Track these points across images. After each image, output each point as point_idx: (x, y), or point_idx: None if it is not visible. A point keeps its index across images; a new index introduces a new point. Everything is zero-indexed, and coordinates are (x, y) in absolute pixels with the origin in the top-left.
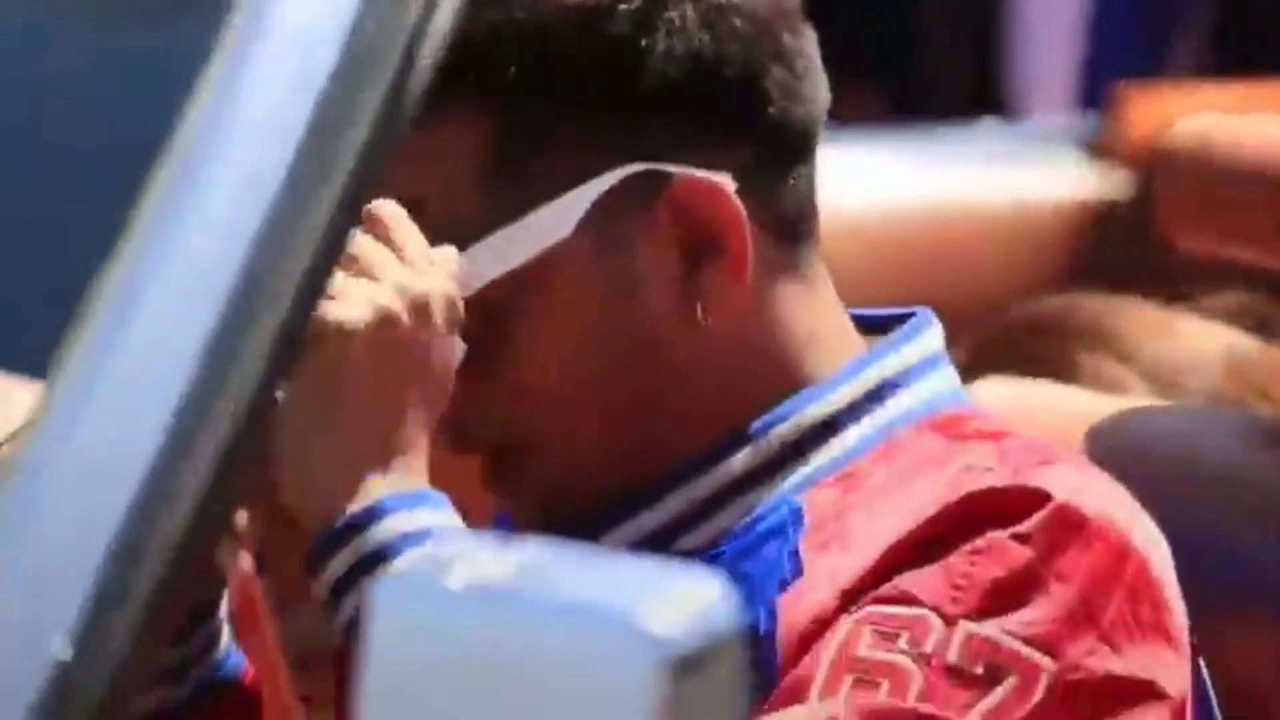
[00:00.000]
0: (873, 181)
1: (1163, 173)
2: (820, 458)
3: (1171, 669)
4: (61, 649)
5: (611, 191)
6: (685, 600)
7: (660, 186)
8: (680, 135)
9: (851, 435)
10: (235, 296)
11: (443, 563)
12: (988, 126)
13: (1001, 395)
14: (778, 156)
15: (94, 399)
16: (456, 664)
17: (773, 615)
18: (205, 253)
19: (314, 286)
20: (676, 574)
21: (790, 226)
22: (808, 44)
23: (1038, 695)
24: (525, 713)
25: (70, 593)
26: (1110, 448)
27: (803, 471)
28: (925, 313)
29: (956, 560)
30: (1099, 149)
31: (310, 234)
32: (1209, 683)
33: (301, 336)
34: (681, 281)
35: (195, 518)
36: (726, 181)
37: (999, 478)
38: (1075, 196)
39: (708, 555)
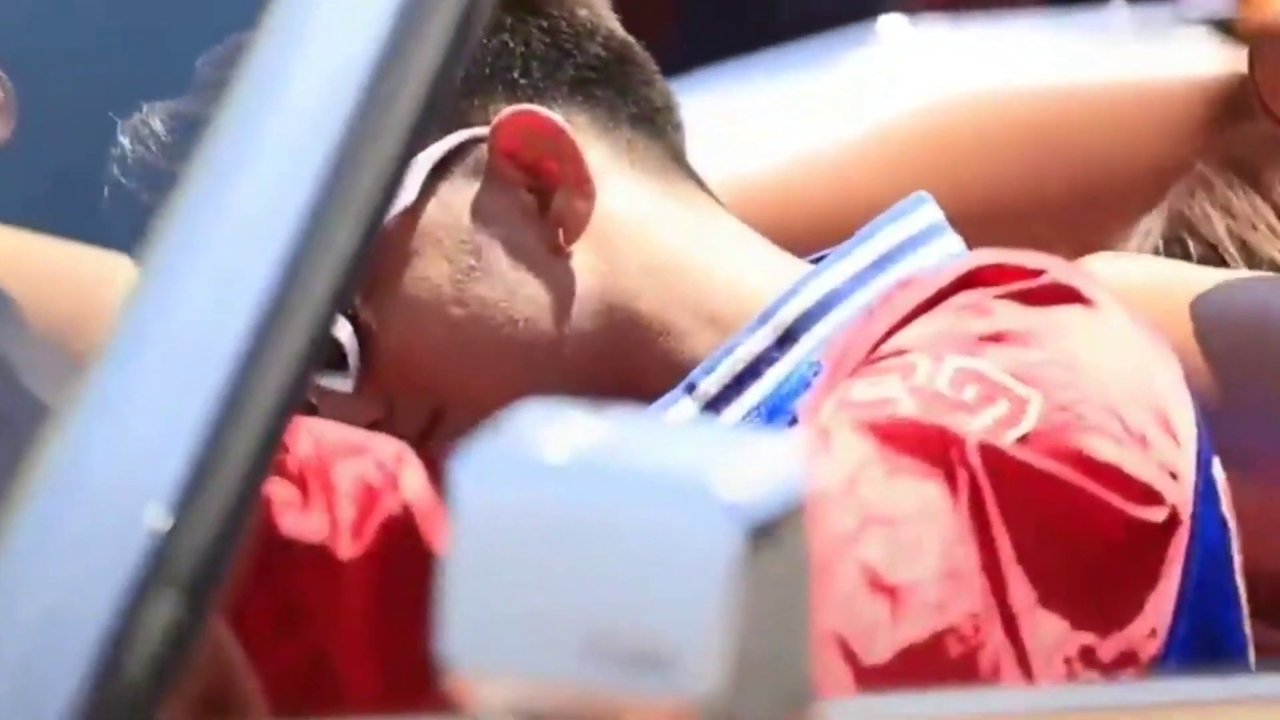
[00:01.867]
0: (1001, 63)
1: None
2: (829, 324)
3: (1168, 471)
4: (158, 518)
5: (448, 157)
6: (759, 468)
7: (483, 140)
8: (486, 98)
9: (861, 296)
10: (323, 187)
11: (530, 432)
12: (1118, 8)
13: (1107, 271)
14: (577, 89)
15: (189, 272)
16: (543, 531)
17: (793, 423)
18: (293, 141)
19: (392, 182)
20: (750, 443)
21: (641, 157)
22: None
23: (1027, 424)
24: (605, 580)
25: (166, 462)
26: (1218, 320)
27: (815, 338)
28: (917, 194)
29: (944, 314)
30: (1229, 27)
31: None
32: (1219, 480)
33: (379, 229)
34: (537, 217)
35: (289, 386)
36: (532, 107)
37: (985, 259)
38: (1205, 74)
39: (742, 426)
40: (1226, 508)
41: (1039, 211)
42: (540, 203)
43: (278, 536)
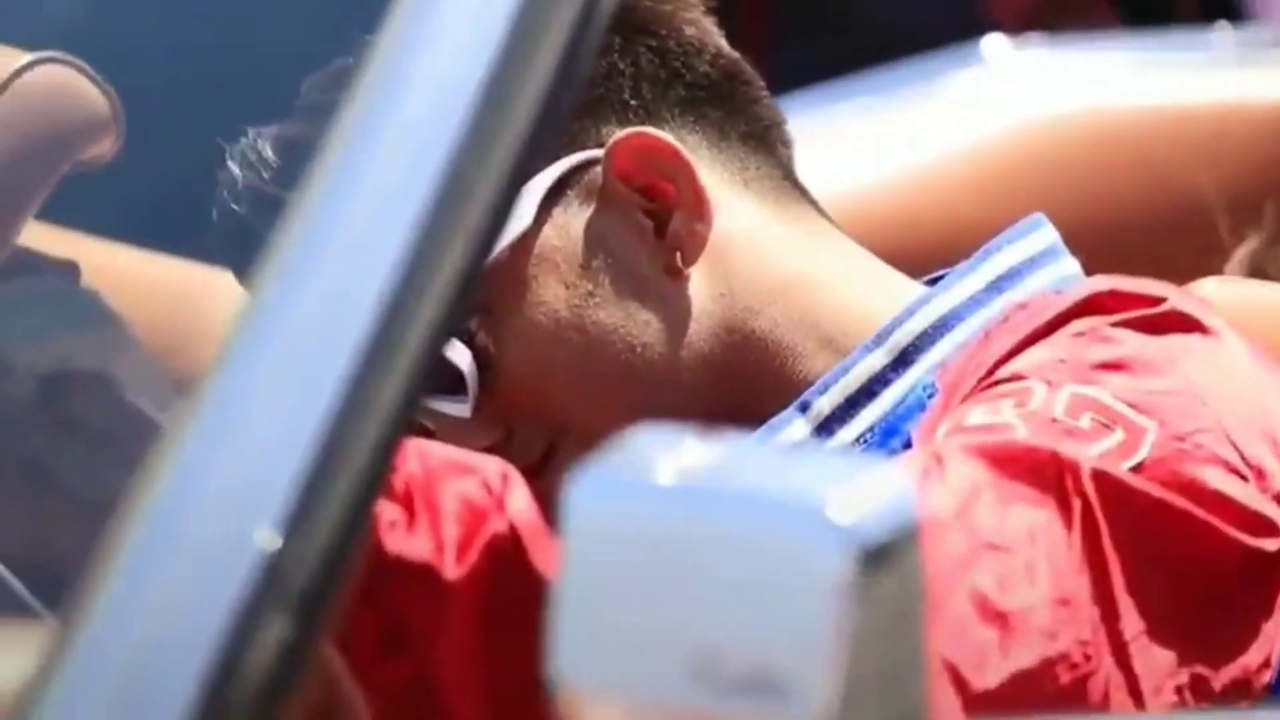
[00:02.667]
0: (1106, 83)
1: None
2: (946, 345)
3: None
4: (269, 538)
5: (563, 181)
6: (872, 492)
7: (597, 162)
8: (597, 120)
9: (978, 318)
10: (434, 207)
11: (644, 456)
12: (1221, 31)
13: (1221, 294)
14: (691, 109)
15: (299, 292)
16: (655, 553)
17: (908, 448)
18: (403, 161)
19: (504, 202)
20: (864, 467)
21: (754, 176)
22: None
23: (1143, 453)
24: (718, 601)
25: (277, 482)
26: None
27: (931, 360)
28: (1034, 216)
29: (1061, 340)
30: None
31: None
32: None
33: (490, 250)
34: (653, 239)
35: (400, 407)
36: (646, 129)
37: (1105, 285)
38: None
39: (857, 448)
40: None
41: (1144, 232)
42: (656, 225)
43: (383, 556)
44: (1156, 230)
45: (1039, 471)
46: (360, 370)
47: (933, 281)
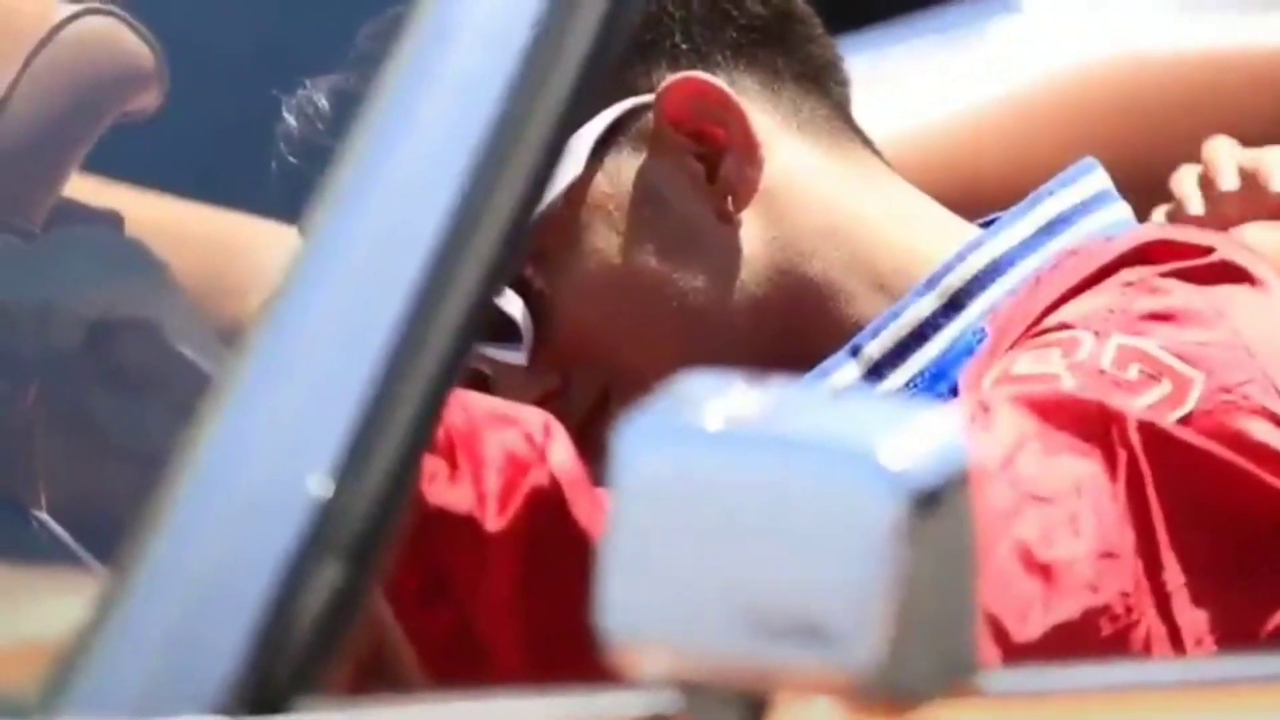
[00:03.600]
0: (1142, 31)
1: None
2: (997, 291)
3: None
4: (321, 485)
5: (614, 127)
6: (923, 437)
7: (648, 107)
8: (648, 65)
9: (1029, 264)
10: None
11: (693, 402)
12: None
13: (1265, 240)
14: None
15: (349, 240)
16: (704, 500)
17: (955, 393)
18: (452, 109)
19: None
20: (914, 412)
21: (809, 118)
22: None
23: (1189, 404)
24: (768, 548)
25: (328, 429)
26: None
27: (982, 305)
28: (1085, 160)
29: (1110, 290)
30: None
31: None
32: None
33: (540, 198)
34: (705, 184)
35: (451, 354)
36: (696, 74)
37: (1153, 235)
38: None
39: (906, 393)
40: None
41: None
42: (708, 170)
43: (425, 507)
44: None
45: (1085, 422)
46: (411, 316)
47: (987, 224)
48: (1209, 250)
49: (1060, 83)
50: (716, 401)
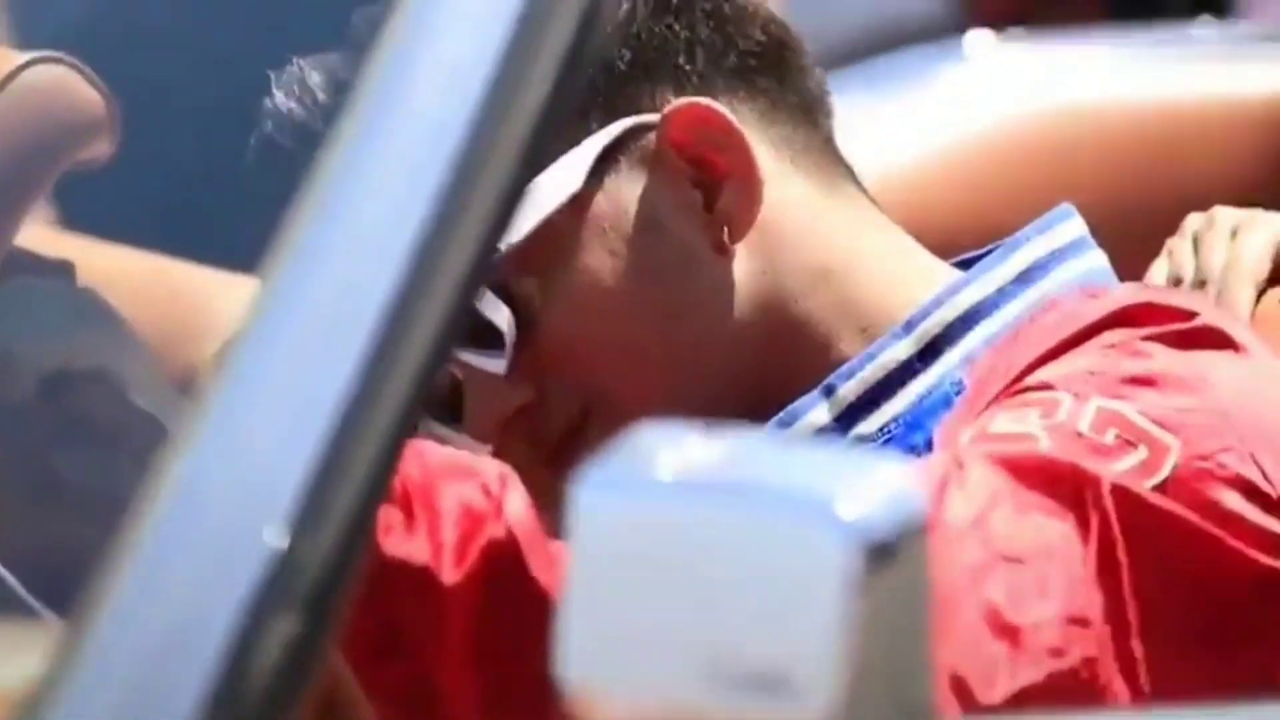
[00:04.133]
0: (1084, 81)
1: None
2: (975, 339)
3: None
4: (277, 536)
5: (615, 145)
6: (879, 488)
7: (651, 127)
8: (652, 84)
9: (1007, 312)
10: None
11: (647, 452)
12: (1204, 25)
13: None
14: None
15: (307, 287)
16: (660, 550)
17: (930, 445)
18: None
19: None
20: (870, 462)
21: (801, 151)
22: None
23: (1165, 471)
24: (725, 598)
25: (285, 481)
26: None
27: (960, 353)
28: (1062, 206)
29: (1089, 354)
30: None
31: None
32: None
33: (509, 218)
34: (702, 213)
35: (408, 403)
36: (703, 101)
37: (1138, 298)
38: None
39: (879, 439)
40: None
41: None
42: (706, 199)
43: (381, 559)
44: (1142, 225)
45: (1059, 484)
46: (368, 367)
47: (961, 264)
48: (1192, 315)
49: (1006, 132)
50: (671, 451)
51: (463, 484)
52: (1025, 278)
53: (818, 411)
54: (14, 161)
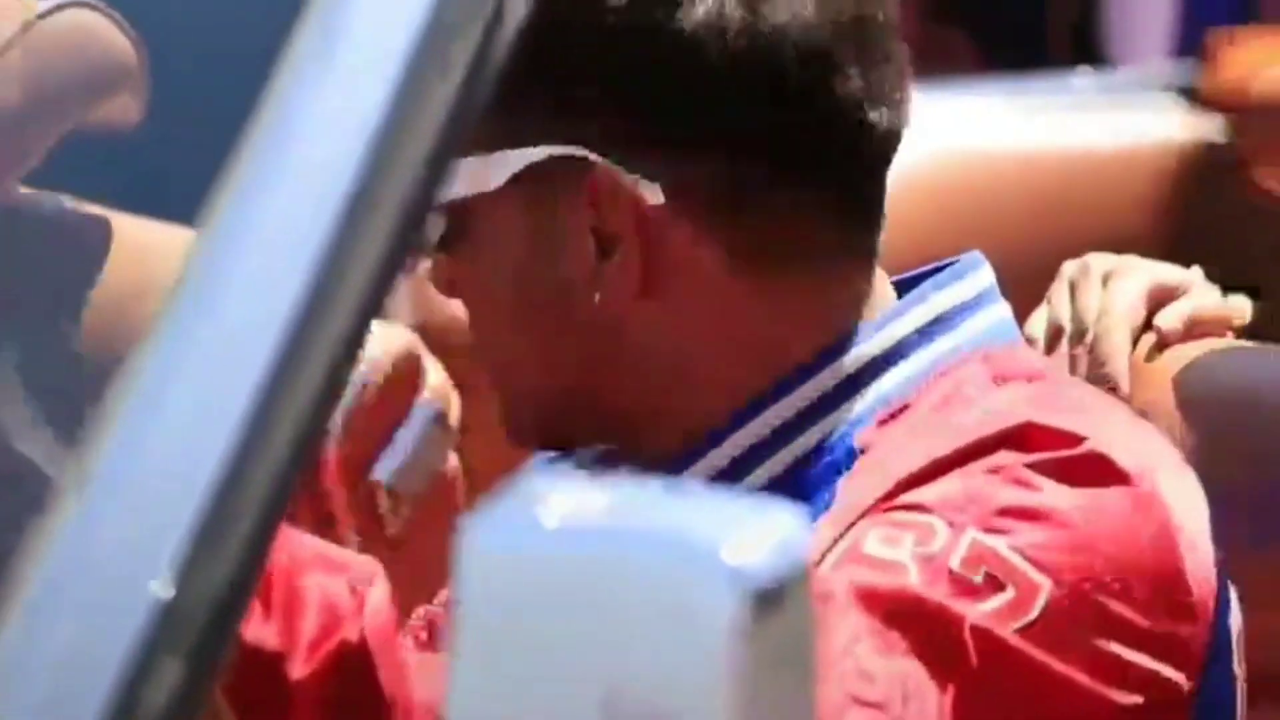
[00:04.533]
0: (967, 129)
1: (1246, 118)
2: (874, 393)
3: (1175, 649)
4: (163, 586)
5: (548, 162)
6: (765, 534)
7: (588, 172)
8: (618, 130)
9: (905, 369)
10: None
11: (534, 498)
12: (1083, 74)
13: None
14: (748, 177)
15: (197, 335)
16: (548, 597)
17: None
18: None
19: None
20: (757, 508)
21: (758, 251)
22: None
23: (1033, 613)
24: (611, 645)
25: (171, 531)
26: (1203, 391)
27: (860, 406)
28: (973, 254)
29: (972, 476)
30: (1196, 95)
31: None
32: (1234, 630)
33: (402, 264)
34: (594, 262)
35: (293, 458)
36: (652, 192)
37: (1026, 416)
38: (1174, 141)
39: (780, 485)
40: (1238, 662)
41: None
42: (603, 249)
43: (239, 640)
44: (1030, 270)
45: (924, 623)
46: (253, 418)
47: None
48: (1080, 440)
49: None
50: (557, 497)
51: (330, 577)
52: (927, 332)
53: (711, 459)
54: (39, 99)
